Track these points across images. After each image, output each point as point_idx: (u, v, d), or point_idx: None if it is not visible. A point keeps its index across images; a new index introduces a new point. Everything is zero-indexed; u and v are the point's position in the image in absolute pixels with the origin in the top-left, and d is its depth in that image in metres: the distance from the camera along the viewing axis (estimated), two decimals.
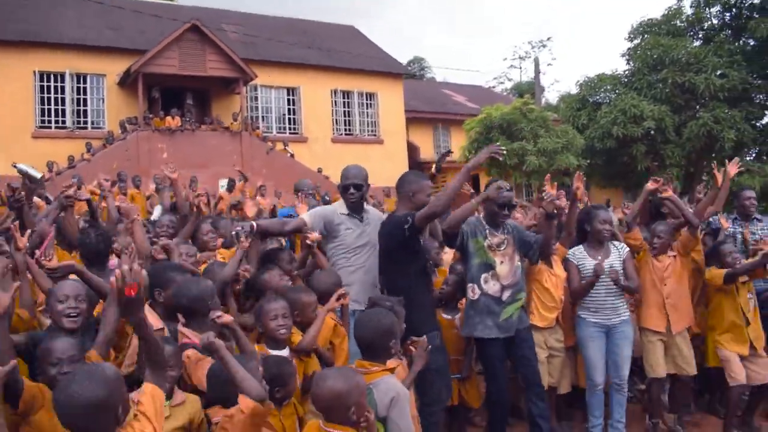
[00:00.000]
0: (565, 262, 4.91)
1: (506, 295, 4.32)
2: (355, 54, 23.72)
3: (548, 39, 60.81)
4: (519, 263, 4.45)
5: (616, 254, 4.79)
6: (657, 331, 4.90)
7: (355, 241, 4.36)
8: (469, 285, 4.39)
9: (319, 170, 19.25)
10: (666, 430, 5.09)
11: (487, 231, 4.37)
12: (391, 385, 2.92)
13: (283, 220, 5.34)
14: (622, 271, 4.70)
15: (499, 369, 4.37)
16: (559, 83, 78.92)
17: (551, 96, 43.68)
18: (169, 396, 2.71)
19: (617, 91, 18.68)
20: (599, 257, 4.72)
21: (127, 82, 18.76)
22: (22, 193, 4.38)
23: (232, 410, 2.46)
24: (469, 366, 4.84)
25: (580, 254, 4.82)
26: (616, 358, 4.71)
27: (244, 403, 2.41)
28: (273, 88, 21.85)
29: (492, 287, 4.32)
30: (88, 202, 5.10)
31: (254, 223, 4.20)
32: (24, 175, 4.82)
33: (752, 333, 4.95)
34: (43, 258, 3.57)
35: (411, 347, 3.31)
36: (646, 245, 5.03)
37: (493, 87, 44.54)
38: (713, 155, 17.20)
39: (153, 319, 3.04)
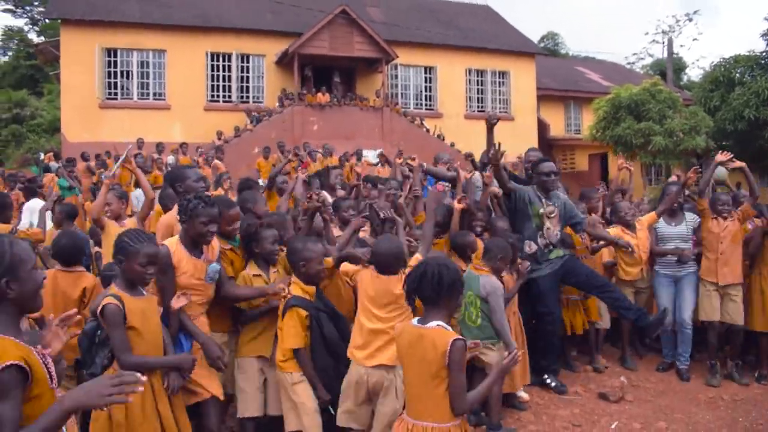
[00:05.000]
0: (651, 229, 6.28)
1: (549, 248, 5.58)
2: (490, 34, 24.85)
3: (695, 12, 57.54)
4: (560, 229, 5.67)
5: (689, 222, 6.11)
6: (711, 282, 5.94)
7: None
8: (527, 242, 5.52)
9: (452, 144, 20.72)
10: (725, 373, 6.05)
11: (543, 201, 5.57)
12: (492, 280, 4.54)
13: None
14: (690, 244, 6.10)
15: (552, 300, 5.54)
16: (706, 59, 74.64)
17: (694, 73, 41.93)
18: None
19: (753, 73, 18.44)
20: (672, 224, 6.08)
21: (283, 61, 21.03)
22: None
23: None
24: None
25: (659, 224, 6.19)
26: (680, 301, 5.99)
27: None
28: (412, 67, 23.47)
29: (542, 243, 5.56)
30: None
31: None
32: None
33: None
34: None
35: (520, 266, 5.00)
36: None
37: (633, 63, 43.50)
38: None
39: None
